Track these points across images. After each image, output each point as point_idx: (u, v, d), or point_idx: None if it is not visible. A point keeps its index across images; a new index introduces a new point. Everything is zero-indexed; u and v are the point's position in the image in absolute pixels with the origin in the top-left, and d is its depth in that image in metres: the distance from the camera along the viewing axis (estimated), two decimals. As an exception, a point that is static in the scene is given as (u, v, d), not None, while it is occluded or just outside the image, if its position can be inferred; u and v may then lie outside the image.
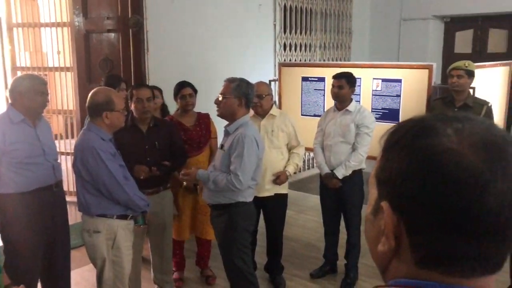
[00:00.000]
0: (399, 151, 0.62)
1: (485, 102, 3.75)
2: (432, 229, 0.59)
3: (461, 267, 0.60)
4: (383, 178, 0.64)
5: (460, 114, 0.64)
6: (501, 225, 0.58)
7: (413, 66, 4.79)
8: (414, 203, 0.59)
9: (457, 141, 0.58)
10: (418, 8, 7.55)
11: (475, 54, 7.26)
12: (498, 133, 0.60)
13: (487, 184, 0.56)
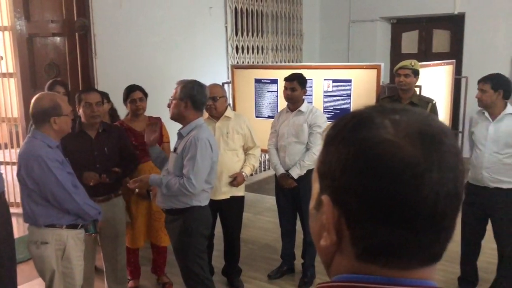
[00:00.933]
0: (338, 144, 0.61)
1: (430, 100, 3.88)
2: (371, 221, 0.58)
3: (401, 258, 0.60)
4: (323, 172, 0.64)
5: (398, 106, 0.64)
6: (438, 216, 0.58)
7: (362, 67, 4.90)
8: (352, 195, 0.59)
9: (393, 132, 0.58)
10: (366, 10, 7.75)
11: (421, 54, 7.53)
12: (435, 124, 0.61)
13: (423, 175, 0.56)
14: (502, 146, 3.25)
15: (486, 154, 3.31)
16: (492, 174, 3.30)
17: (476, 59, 6.90)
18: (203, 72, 5.61)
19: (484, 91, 3.25)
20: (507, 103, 3.31)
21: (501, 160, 3.26)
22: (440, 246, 0.61)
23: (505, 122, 3.26)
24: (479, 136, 3.38)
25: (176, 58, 5.57)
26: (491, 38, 6.83)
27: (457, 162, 0.60)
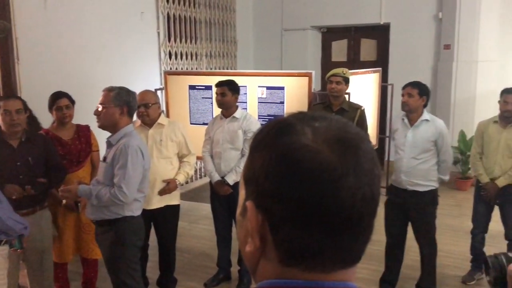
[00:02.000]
0: (262, 150, 0.63)
1: (358, 106, 4.03)
2: (291, 225, 0.60)
3: (321, 261, 0.62)
4: (248, 178, 0.65)
5: (318, 113, 0.66)
6: (355, 218, 0.60)
7: (294, 74, 5.02)
8: (274, 200, 0.60)
9: (312, 138, 0.60)
10: (297, 19, 7.94)
11: (350, 62, 7.83)
12: (352, 131, 0.64)
13: (340, 179, 0.59)
14: (420, 151, 3.45)
15: (404, 159, 3.49)
16: (409, 177, 3.48)
17: (400, 67, 7.27)
18: (134, 78, 5.47)
19: (411, 96, 3.43)
20: (424, 110, 3.52)
21: (418, 165, 3.45)
22: (359, 248, 0.64)
23: (422, 128, 3.45)
24: (399, 141, 3.57)
25: (106, 63, 5.39)
26: (414, 47, 7.24)
27: (373, 167, 0.62)
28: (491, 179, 3.81)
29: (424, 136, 3.43)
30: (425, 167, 3.45)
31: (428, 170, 3.47)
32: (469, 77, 6.65)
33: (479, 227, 3.94)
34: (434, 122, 3.47)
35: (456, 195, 6.30)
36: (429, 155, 3.45)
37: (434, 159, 3.47)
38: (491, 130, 3.83)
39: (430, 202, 3.52)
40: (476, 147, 3.96)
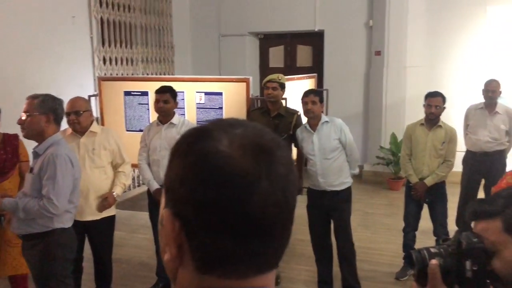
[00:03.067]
0: (178, 156, 0.63)
1: (295, 111, 4.11)
2: (205, 231, 0.60)
3: (236, 268, 0.62)
4: (167, 186, 0.65)
5: (236, 120, 0.67)
6: (267, 224, 0.61)
7: (232, 80, 5.03)
8: (189, 206, 0.60)
9: (227, 144, 0.61)
10: (235, 25, 7.99)
11: (287, 68, 7.97)
12: (268, 137, 0.64)
13: (253, 184, 0.59)
14: (329, 151, 3.60)
15: (318, 163, 3.63)
16: (326, 178, 3.62)
17: (335, 73, 7.51)
18: (67, 85, 5.26)
19: (315, 103, 3.57)
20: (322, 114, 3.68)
21: (331, 164, 3.61)
22: (274, 253, 0.64)
23: (324, 129, 3.62)
24: (307, 149, 3.69)
25: (35, 69, 5.14)
26: (347, 54, 7.50)
27: (288, 173, 0.63)
28: (420, 179, 4.01)
29: (329, 136, 3.60)
30: (338, 165, 3.62)
31: (341, 167, 3.64)
32: (399, 82, 6.98)
33: (410, 225, 4.14)
34: (333, 121, 3.65)
35: (389, 194, 6.57)
36: (338, 153, 3.62)
37: (343, 156, 3.65)
38: (418, 133, 4.04)
39: (346, 200, 3.71)
40: (405, 149, 4.16)
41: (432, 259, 1.06)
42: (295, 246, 4.78)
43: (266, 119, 3.99)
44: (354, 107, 7.52)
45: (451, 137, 3.96)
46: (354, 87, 7.51)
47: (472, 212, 1.13)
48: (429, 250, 1.09)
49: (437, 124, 3.97)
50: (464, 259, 1.04)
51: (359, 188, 6.63)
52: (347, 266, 3.75)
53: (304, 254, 4.46)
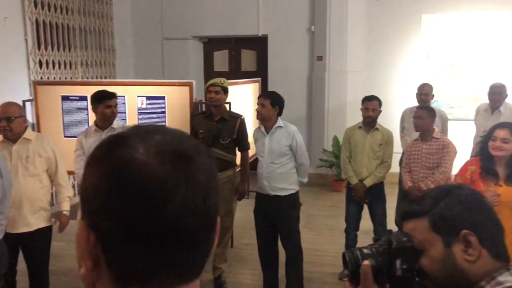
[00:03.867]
0: (92, 165, 0.61)
1: (238, 115, 4.12)
2: (121, 243, 0.58)
3: (155, 280, 0.60)
4: (82, 196, 0.62)
5: (155, 127, 0.65)
6: (187, 233, 0.59)
7: (175, 84, 4.97)
8: (103, 217, 0.58)
9: (144, 151, 0.59)
10: (178, 28, 7.90)
11: (232, 72, 7.98)
12: (189, 144, 0.63)
13: (170, 192, 0.57)
14: (277, 156, 3.65)
15: (264, 165, 3.68)
16: (270, 182, 3.67)
17: (279, 78, 7.61)
18: (-2, 89, 4.99)
19: (264, 106, 3.62)
20: (278, 118, 3.72)
21: (277, 169, 3.65)
22: (196, 262, 0.63)
23: (276, 134, 3.67)
24: (258, 149, 3.77)
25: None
26: (290, 58, 7.61)
27: (209, 179, 0.62)
28: (360, 180, 4.14)
29: (280, 141, 3.64)
30: (284, 171, 3.66)
31: (287, 174, 3.68)
32: (340, 86, 7.17)
33: (351, 226, 4.25)
34: (287, 127, 3.70)
35: (332, 196, 6.72)
36: (286, 159, 3.66)
37: (291, 163, 3.70)
38: (356, 136, 4.17)
39: (291, 206, 3.73)
40: (345, 151, 4.27)
41: (365, 259, 1.09)
42: (241, 250, 4.79)
43: (209, 123, 3.98)
44: (297, 111, 7.63)
45: (387, 139, 4.12)
46: (298, 91, 7.64)
47: (401, 212, 1.17)
48: (361, 251, 1.11)
49: (374, 127, 4.12)
50: (394, 258, 1.08)
51: (303, 190, 6.66)
52: (293, 270, 3.79)
53: (250, 258, 4.48)
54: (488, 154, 2.94)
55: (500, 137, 2.87)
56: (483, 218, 1.07)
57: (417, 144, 3.99)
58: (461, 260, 1.04)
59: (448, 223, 1.06)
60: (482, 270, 1.03)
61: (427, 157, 3.89)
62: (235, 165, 4.11)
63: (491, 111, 4.94)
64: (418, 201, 1.14)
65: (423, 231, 1.09)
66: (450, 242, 1.06)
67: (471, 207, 1.07)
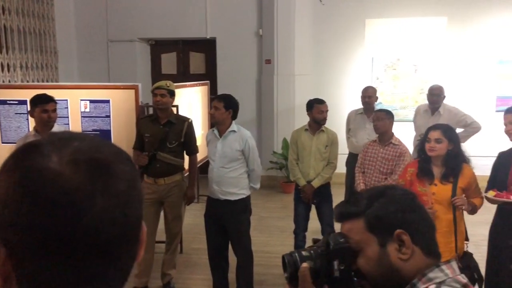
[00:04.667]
0: (3, 175, 0.57)
1: (186, 119, 4.07)
2: (34, 258, 0.54)
3: None
4: None
5: (71, 133, 0.62)
6: (105, 244, 0.56)
7: (119, 87, 4.85)
8: (14, 231, 0.54)
9: (57, 160, 0.56)
10: (123, 30, 7.72)
11: (180, 75, 7.89)
12: (107, 151, 0.60)
13: (85, 203, 0.55)
14: (228, 160, 3.63)
15: (215, 169, 3.65)
16: (220, 186, 3.65)
17: (228, 80, 7.60)
18: None
19: (218, 109, 3.60)
20: (232, 122, 3.70)
21: (227, 174, 3.63)
22: (117, 274, 0.60)
23: (229, 138, 3.64)
24: (210, 152, 3.72)
25: None
26: (239, 61, 7.62)
27: (129, 188, 0.59)
28: (307, 182, 4.19)
29: (232, 146, 3.62)
30: (235, 175, 3.64)
31: (238, 179, 3.67)
32: (288, 89, 7.25)
33: (300, 227, 4.30)
34: (241, 132, 3.68)
35: (283, 198, 6.78)
36: (238, 164, 3.65)
37: (243, 168, 3.69)
38: (303, 138, 4.23)
39: (242, 211, 3.71)
40: (292, 154, 4.32)
41: (304, 262, 1.09)
42: (191, 255, 4.73)
43: (156, 127, 3.90)
44: (247, 113, 7.64)
45: (333, 141, 4.20)
46: (247, 94, 7.65)
47: (338, 214, 1.18)
48: (300, 253, 1.11)
49: (320, 129, 4.19)
50: (332, 259, 1.09)
51: (254, 193, 6.73)
52: (244, 274, 3.78)
53: (200, 263, 4.43)
54: (425, 156, 3.06)
55: (433, 138, 3.00)
56: (416, 217, 1.10)
57: (375, 146, 4.06)
58: (395, 259, 1.06)
59: (383, 223, 1.08)
60: (415, 267, 1.06)
61: (383, 162, 3.97)
62: (183, 169, 4.05)
63: (431, 113, 5.11)
64: (354, 202, 1.15)
65: (359, 232, 1.10)
66: (385, 241, 1.07)
67: (404, 207, 1.10)
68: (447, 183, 2.98)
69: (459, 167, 2.99)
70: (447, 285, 1.02)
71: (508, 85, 7.07)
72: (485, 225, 3.14)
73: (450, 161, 2.97)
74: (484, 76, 7.13)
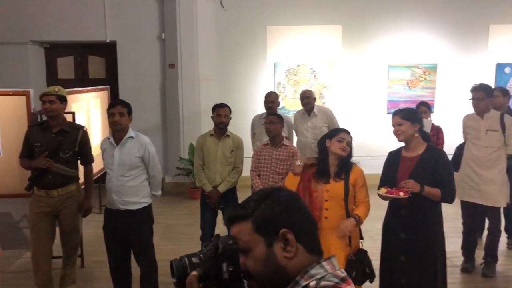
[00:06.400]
0: None
1: (80, 127, 3.85)
2: None
3: None
4: None
5: None
6: None
7: (8, 93, 4.51)
8: None
9: None
10: (15, 32, 7.17)
11: (78, 80, 7.50)
12: None
13: None
14: (128, 168, 3.50)
15: (114, 178, 3.49)
16: (121, 196, 3.49)
17: (130, 85, 7.37)
18: None
19: (123, 115, 3.46)
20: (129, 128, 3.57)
21: (127, 182, 3.49)
22: None
23: (128, 145, 3.51)
24: (107, 161, 3.55)
25: None
26: (142, 66, 7.43)
27: None
28: (213, 187, 4.17)
29: (131, 152, 3.50)
30: (135, 184, 3.52)
31: (139, 187, 3.55)
32: (193, 94, 7.21)
33: (207, 233, 4.26)
34: (139, 138, 3.57)
35: (190, 204, 6.70)
36: (138, 172, 3.54)
37: (143, 176, 3.58)
38: (208, 143, 4.21)
39: (144, 220, 3.60)
40: (198, 159, 4.28)
41: (193, 268, 1.08)
42: (92, 269, 4.50)
43: (47, 136, 3.64)
44: (152, 119, 7.49)
45: (238, 145, 4.24)
46: (151, 100, 7.49)
47: (227, 218, 1.19)
48: (190, 259, 1.11)
49: (225, 134, 4.21)
50: (221, 261, 1.10)
51: (160, 201, 6.59)
52: (148, 285, 3.66)
53: (102, 277, 4.23)
54: (323, 156, 3.18)
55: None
56: (299, 216, 1.15)
57: (267, 149, 4.16)
58: (281, 258, 1.10)
59: (269, 224, 1.11)
60: (299, 265, 1.11)
61: (277, 163, 4.07)
62: (78, 179, 3.82)
63: (307, 115, 5.49)
64: (242, 205, 1.18)
65: (247, 233, 1.12)
66: (271, 241, 1.11)
67: (289, 207, 1.14)
68: (339, 180, 3.13)
69: (350, 165, 3.18)
70: (326, 280, 1.07)
71: (397, 89, 7.66)
72: (380, 220, 3.34)
73: (344, 159, 3.13)
74: (376, 80, 7.66)
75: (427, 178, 3.02)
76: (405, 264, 3.11)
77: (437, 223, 3.17)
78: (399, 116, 3.15)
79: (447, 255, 3.25)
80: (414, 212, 3.08)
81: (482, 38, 7.64)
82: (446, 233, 3.23)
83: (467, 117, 4.41)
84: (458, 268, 4.43)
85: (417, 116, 3.22)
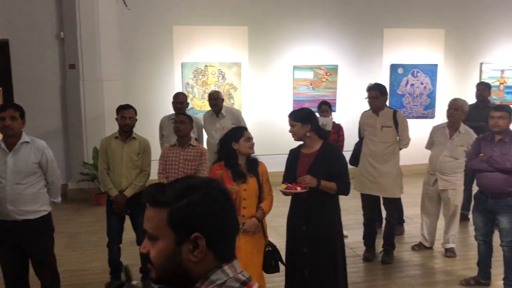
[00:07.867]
0: None
1: None
2: None
3: None
4: None
5: None
6: None
7: None
8: None
9: None
10: None
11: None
12: None
13: None
14: (24, 175, 3.26)
15: (8, 187, 3.23)
16: (17, 206, 3.25)
17: (26, 87, 6.89)
18: None
19: (15, 119, 3.22)
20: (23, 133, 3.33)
21: (24, 191, 3.26)
22: None
23: (22, 151, 3.28)
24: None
25: None
26: (39, 66, 6.96)
27: None
28: (120, 191, 4.02)
29: (27, 158, 3.27)
30: (33, 191, 3.30)
31: (37, 194, 3.33)
32: (96, 95, 6.90)
33: (114, 239, 4.11)
34: (35, 142, 3.35)
35: (97, 210, 6.41)
36: (35, 179, 3.32)
37: (41, 182, 3.37)
38: (113, 146, 4.05)
39: (44, 229, 3.39)
40: (102, 163, 4.10)
41: None
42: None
43: None
44: (51, 123, 7.05)
45: (145, 148, 4.13)
46: (50, 101, 7.06)
47: (147, 195, 1.11)
48: None
49: (131, 136, 4.08)
50: None
51: (64, 208, 6.25)
52: None
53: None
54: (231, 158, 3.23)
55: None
56: (220, 223, 1.10)
57: (174, 150, 4.08)
58: (186, 259, 1.07)
59: (184, 223, 1.07)
60: (202, 270, 1.08)
61: (185, 164, 4.01)
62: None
63: (216, 116, 5.59)
64: (166, 189, 1.10)
65: (160, 223, 1.07)
66: (181, 240, 1.07)
67: (211, 212, 1.09)
68: (253, 176, 3.22)
69: (256, 160, 3.30)
70: (227, 286, 1.06)
71: (302, 89, 7.96)
72: (285, 215, 3.46)
73: (249, 156, 3.25)
74: (282, 81, 7.89)
75: (324, 173, 3.20)
76: (308, 256, 3.26)
77: (334, 215, 3.36)
78: (291, 118, 3.34)
79: (350, 246, 3.45)
80: (313, 206, 3.25)
81: (377, 41, 8.20)
82: (349, 225, 3.43)
83: (363, 114, 4.72)
84: (360, 257, 4.71)
85: (308, 117, 3.32)
